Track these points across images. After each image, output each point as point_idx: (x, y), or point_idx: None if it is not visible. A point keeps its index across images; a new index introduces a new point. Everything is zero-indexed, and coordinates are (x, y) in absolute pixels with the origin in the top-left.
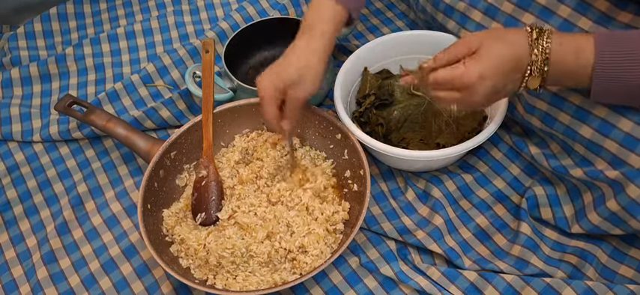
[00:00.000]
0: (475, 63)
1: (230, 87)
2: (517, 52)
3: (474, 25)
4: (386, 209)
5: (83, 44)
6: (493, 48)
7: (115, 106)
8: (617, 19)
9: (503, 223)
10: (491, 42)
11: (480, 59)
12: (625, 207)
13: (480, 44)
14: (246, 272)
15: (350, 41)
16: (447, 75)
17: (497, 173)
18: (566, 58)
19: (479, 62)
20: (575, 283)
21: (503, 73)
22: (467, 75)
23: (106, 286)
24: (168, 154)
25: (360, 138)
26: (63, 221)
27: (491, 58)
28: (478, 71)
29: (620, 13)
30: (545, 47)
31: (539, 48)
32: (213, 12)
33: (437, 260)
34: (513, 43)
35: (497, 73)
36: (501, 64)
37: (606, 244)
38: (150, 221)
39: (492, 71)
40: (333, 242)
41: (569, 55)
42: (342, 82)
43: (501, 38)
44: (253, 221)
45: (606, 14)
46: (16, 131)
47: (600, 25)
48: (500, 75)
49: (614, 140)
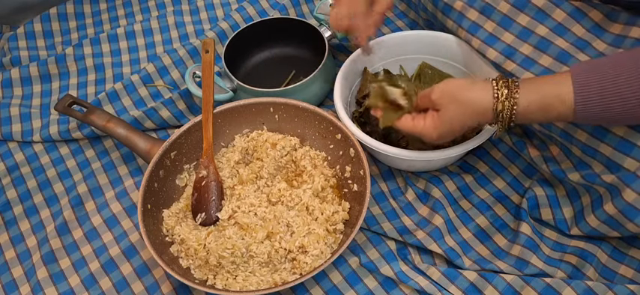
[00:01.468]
0: (433, 126)
1: (230, 87)
2: (478, 119)
3: (469, 24)
4: (386, 209)
5: (83, 44)
6: (451, 115)
7: (115, 106)
8: (609, 31)
9: (503, 223)
10: (450, 107)
11: (439, 122)
12: (621, 211)
13: (441, 105)
14: (246, 272)
15: (350, 41)
16: (410, 130)
17: (497, 173)
18: (534, 117)
19: (437, 126)
20: (575, 283)
21: (463, 129)
22: (426, 135)
23: (106, 286)
24: (168, 154)
25: (360, 138)
26: (63, 221)
27: (450, 123)
28: (436, 134)
29: (612, 24)
30: (511, 112)
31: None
32: (213, 12)
33: (437, 260)
34: (474, 106)
35: (455, 133)
36: (460, 128)
37: (606, 244)
38: (150, 222)
39: (450, 133)
40: (333, 242)
41: (536, 113)
42: (342, 82)
43: (462, 101)
44: (253, 222)
45: (599, 25)
46: (16, 131)
47: (593, 34)
48: (459, 131)
49: (609, 144)
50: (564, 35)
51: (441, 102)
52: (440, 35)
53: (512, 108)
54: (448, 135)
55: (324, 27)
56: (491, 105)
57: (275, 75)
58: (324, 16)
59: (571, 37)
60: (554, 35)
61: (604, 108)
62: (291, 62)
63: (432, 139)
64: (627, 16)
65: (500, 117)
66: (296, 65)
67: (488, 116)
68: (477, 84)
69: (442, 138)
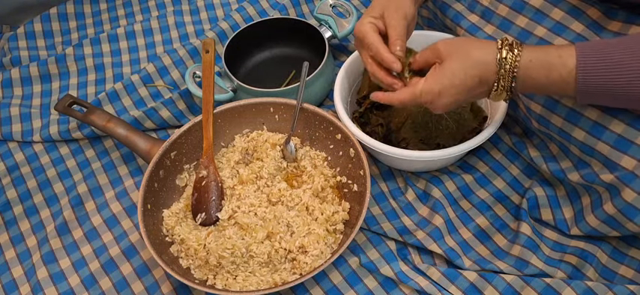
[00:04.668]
0: (435, 80)
1: (230, 87)
2: (481, 72)
3: (468, 24)
4: (386, 209)
5: (83, 44)
6: (455, 67)
7: (115, 106)
8: (607, 28)
9: (503, 223)
10: (454, 60)
11: (441, 76)
12: (621, 210)
13: (445, 58)
14: (246, 273)
15: (350, 41)
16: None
17: (497, 173)
18: (536, 75)
19: (439, 80)
20: (575, 283)
21: (465, 90)
22: (426, 94)
23: (106, 286)
24: (168, 154)
25: (360, 138)
26: (63, 221)
27: (452, 76)
28: (437, 89)
29: (611, 22)
30: (513, 65)
31: (506, 66)
32: (213, 12)
33: (437, 261)
34: (478, 61)
35: (456, 91)
36: (461, 84)
37: (606, 244)
38: (150, 222)
39: (452, 90)
40: (333, 243)
41: (538, 71)
42: (342, 82)
43: (466, 56)
44: (253, 222)
45: (597, 22)
46: (16, 131)
47: (591, 31)
48: (461, 92)
49: (607, 142)
50: (563, 33)
51: (445, 53)
52: (440, 35)
53: (514, 62)
54: (449, 90)
55: (324, 27)
56: (494, 56)
57: (275, 76)
58: (324, 16)
59: (570, 34)
60: (552, 35)
61: (605, 78)
62: (291, 62)
63: (433, 96)
64: (626, 14)
65: (502, 72)
66: (296, 65)
67: (490, 69)
68: (481, 40)
69: (443, 97)
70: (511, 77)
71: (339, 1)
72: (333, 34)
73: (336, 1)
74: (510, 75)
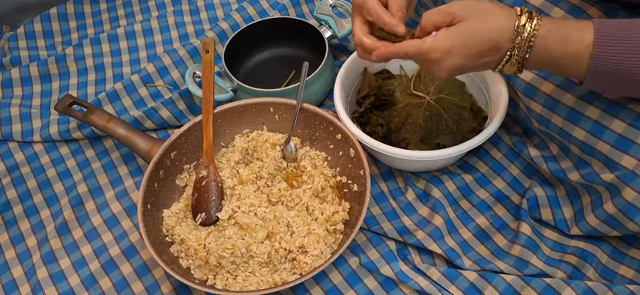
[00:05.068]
0: (447, 37)
1: (230, 87)
2: (496, 38)
3: None
4: (386, 209)
5: (83, 44)
6: (471, 26)
7: (115, 106)
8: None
9: (503, 223)
10: (472, 20)
11: (455, 34)
12: (621, 210)
13: (461, 17)
14: (246, 273)
15: (350, 41)
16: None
17: (497, 173)
18: (552, 47)
19: (452, 37)
20: (575, 283)
21: (476, 54)
22: (434, 51)
23: (106, 286)
24: (168, 154)
25: (360, 138)
26: (63, 221)
27: (466, 36)
28: (448, 46)
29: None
30: (531, 33)
31: (524, 34)
32: (213, 12)
33: (437, 261)
34: (495, 27)
35: (467, 54)
36: (475, 46)
37: (606, 244)
38: (150, 222)
39: (462, 50)
40: (333, 243)
41: (556, 43)
42: (342, 82)
43: (485, 18)
44: (253, 222)
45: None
46: (16, 131)
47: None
48: (471, 56)
49: (607, 142)
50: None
51: (461, 14)
52: None
53: (533, 30)
54: (459, 50)
55: (324, 27)
56: (513, 22)
57: (275, 75)
58: (324, 16)
59: None
60: None
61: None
62: (291, 62)
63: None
64: (626, 14)
65: (519, 40)
66: (296, 65)
67: (506, 36)
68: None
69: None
70: (527, 47)
71: (339, 1)
72: (333, 34)
73: (336, 1)
74: (526, 45)
